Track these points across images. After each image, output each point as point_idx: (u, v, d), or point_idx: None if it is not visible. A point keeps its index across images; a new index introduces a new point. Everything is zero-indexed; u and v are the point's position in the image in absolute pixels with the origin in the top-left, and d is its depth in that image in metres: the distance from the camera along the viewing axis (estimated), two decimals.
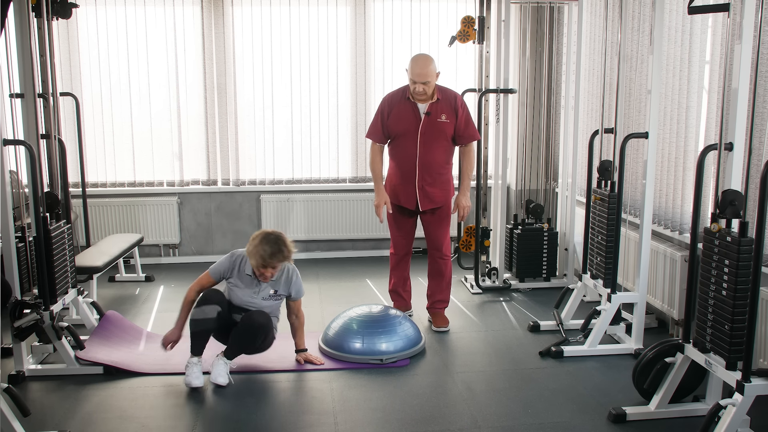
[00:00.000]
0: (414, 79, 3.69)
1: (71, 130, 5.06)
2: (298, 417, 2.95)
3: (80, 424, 2.88)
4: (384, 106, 3.88)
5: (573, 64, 4.86)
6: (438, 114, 3.78)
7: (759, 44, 2.95)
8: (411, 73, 3.70)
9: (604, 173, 3.70)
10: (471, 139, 3.91)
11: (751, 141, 2.66)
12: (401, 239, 4.05)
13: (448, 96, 3.83)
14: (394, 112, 3.83)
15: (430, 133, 3.79)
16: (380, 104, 3.91)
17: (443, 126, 3.80)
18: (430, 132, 3.79)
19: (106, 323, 3.79)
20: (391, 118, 3.84)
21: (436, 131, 3.80)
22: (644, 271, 3.61)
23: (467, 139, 3.90)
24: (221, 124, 5.65)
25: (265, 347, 3.42)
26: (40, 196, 3.29)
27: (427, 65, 3.68)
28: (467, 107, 3.91)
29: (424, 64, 3.68)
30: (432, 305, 4.11)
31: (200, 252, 5.80)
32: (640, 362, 3.01)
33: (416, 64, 3.69)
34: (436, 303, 4.09)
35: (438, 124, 3.79)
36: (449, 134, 3.85)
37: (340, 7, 5.59)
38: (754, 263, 2.42)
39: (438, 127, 3.79)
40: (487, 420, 2.91)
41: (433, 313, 4.10)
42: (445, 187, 3.93)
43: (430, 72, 3.68)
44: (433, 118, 3.78)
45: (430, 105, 3.78)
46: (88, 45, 5.43)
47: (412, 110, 3.80)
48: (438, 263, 4.05)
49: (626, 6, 3.65)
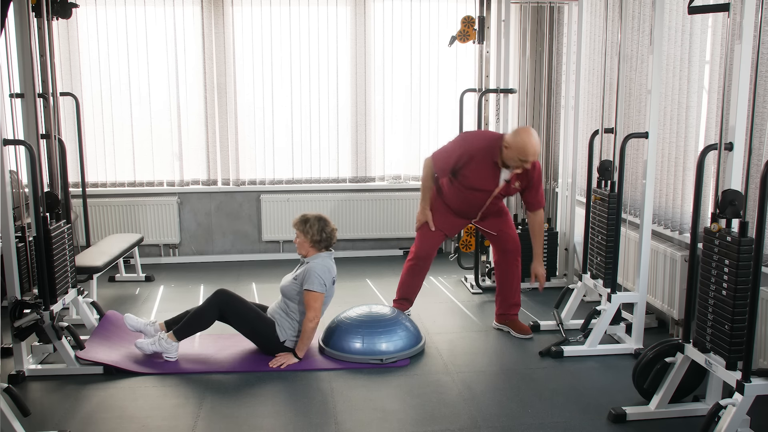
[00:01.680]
0: (524, 158, 3.49)
1: (71, 130, 5.06)
2: (298, 417, 2.95)
3: (80, 424, 2.88)
4: (466, 150, 3.66)
5: (573, 64, 4.86)
6: (514, 180, 3.73)
7: (759, 44, 2.95)
8: (521, 151, 3.47)
9: (604, 173, 3.70)
10: (539, 207, 3.83)
11: (751, 141, 2.66)
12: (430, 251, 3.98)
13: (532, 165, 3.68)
14: (474, 165, 3.66)
15: (502, 195, 3.81)
16: (462, 143, 3.72)
17: (514, 191, 3.81)
18: (503, 195, 3.81)
19: (106, 323, 3.78)
20: (469, 168, 3.68)
21: (506, 193, 3.81)
22: (644, 271, 3.61)
23: (535, 207, 3.82)
24: (221, 124, 5.65)
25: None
26: (40, 196, 3.29)
27: (538, 146, 3.50)
28: (541, 175, 3.81)
29: (536, 144, 3.49)
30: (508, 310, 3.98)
31: (200, 252, 5.80)
32: (640, 362, 3.00)
33: (531, 143, 3.46)
34: (512, 308, 3.98)
35: (512, 189, 3.78)
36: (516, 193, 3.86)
37: (340, 7, 5.59)
38: (754, 263, 2.42)
39: (509, 191, 3.79)
40: (487, 420, 2.91)
41: (511, 320, 3.97)
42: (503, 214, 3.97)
43: (539, 152, 3.54)
44: (510, 184, 3.74)
45: (513, 173, 3.67)
46: (88, 45, 5.43)
47: (494, 174, 3.69)
48: (513, 265, 3.96)
49: (626, 6, 3.65)
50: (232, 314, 3.52)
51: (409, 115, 5.78)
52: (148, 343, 3.54)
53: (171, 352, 3.53)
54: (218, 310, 3.51)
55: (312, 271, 3.47)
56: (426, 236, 3.97)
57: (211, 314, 3.52)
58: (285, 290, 3.58)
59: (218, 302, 3.51)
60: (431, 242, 3.97)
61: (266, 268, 5.52)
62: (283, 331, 3.52)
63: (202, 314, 3.52)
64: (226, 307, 3.51)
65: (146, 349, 3.53)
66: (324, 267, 3.51)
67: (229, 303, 3.52)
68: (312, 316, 3.46)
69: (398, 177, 5.89)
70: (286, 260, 5.74)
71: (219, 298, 3.52)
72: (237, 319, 3.53)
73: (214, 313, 3.52)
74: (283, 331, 3.52)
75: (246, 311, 3.53)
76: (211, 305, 3.51)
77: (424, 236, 3.98)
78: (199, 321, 3.52)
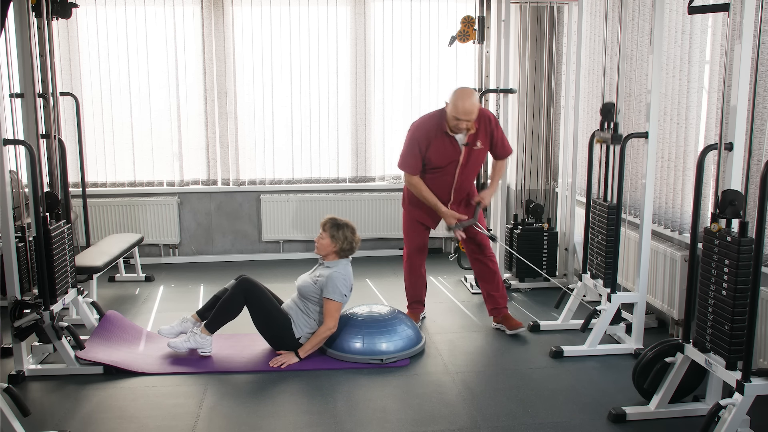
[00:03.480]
0: (459, 117, 3.56)
1: (71, 130, 5.06)
2: (298, 417, 2.95)
3: (80, 424, 2.88)
4: (420, 138, 3.72)
5: (573, 64, 4.86)
6: (474, 142, 3.75)
7: (759, 44, 2.95)
8: (456, 110, 3.56)
9: (606, 115, 3.67)
10: (506, 155, 3.93)
11: (751, 141, 2.66)
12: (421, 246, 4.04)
13: (483, 120, 3.75)
14: (433, 147, 3.71)
15: (469, 163, 3.80)
16: (413, 135, 3.75)
17: (480, 153, 3.81)
18: (469, 162, 3.80)
19: (106, 323, 3.78)
20: (430, 151, 3.72)
21: (474, 160, 3.81)
22: (644, 271, 3.61)
23: (503, 156, 3.93)
24: (221, 124, 5.65)
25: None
26: (40, 196, 3.29)
27: (472, 101, 3.56)
28: (500, 125, 3.89)
29: (470, 100, 3.55)
30: (495, 308, 4.00)
31: (200, 252, 5.80)
32: (640, 362, 3.01)
33: (463, 101, 3.55)
34: (500, 303, 3.99)
35: (476, 152, 3.78)
36: (484, 157, 3.90)
37: (340, 7, 5.59)
38: (754, 263, 2.42)
39: (475, 155, 3.79)
40: (487, 420, 2.91)
41: (503, 315, 3.98)
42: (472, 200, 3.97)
43: (475, 107, 3.58)
44: (471, 147, 3.75)
45: (469, 135, 3.72)
46: (88, 45, 5.43)
47: (452, 144, 3.72)
48: (487, 264, 4.00)
49: (626, 6, 3.65)
50: (253, 302, 3.51)
51: (409, 115, 5.77)
52: (181, 341, 3.54)
53: (206, 347, 3.54)
54: (243, 297, 3.51)
55: (333, 280, 3.49)
56: (410, 233, 4.04)
57: (239, 302, 3.51)
58: (303, 291, 3.58)
59: (242, 289, 3.51)
60: (417, 237, 4.02)
61: (266, 268, 5.52)
62: (298, 328, 3.53)
63: (229, 304, 3.51)
64: (248, 294, 3.51)
65: (180, 347, 3.53)
66: (344, 277, 3.55)
67: (252, 291, 3.52)
68: (331, 325, 3.51)
69: (398, 177, 5.88)
70: (286, 260, 5.74)
71: (242, 285, 3.52)
72: (256, 308, 3.52)
73: (241, 300, 3.51)
74: (298, 328, 3.53)
75: (266, 301, 3.53)
76: (237, 292, 3.51)
77: (408, 234, 4.05)
78: (228, 311, 3.52)
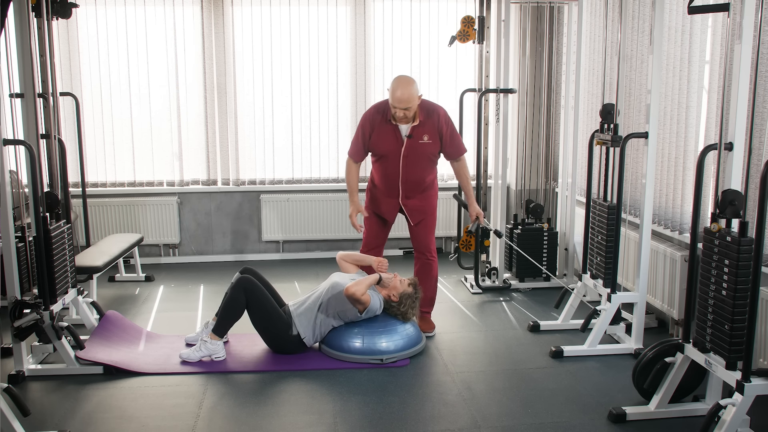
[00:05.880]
0: (395, 104, 3.57)
1: (71, 130, 5.06)
2: (298, 417, 2.95)
3: (80, 424, 2.88)
4: (365, 124, 3.77)
5: (573, 63, 4.86)
6: (420, 136, 3.71)
7: (759, 44, 2.95)
8: (392, 98, 3.57)
9: (606, 116, 3.67)
10: (459, 155, 3.85)
11: (751, 141, 2.67)
12: (375, 240, 4.02)
13: (430, 114, 3.72)
14: (375, 133, 3.75)
15: (412, 155, 3.75)
16: (361, 122, 3.81)
17: (425, 147, 3.75)
18: (413, 154, 3.74)
19: (106, 323, 3.79)
20: (372, 138, 3.76)
21: (418, 153, 3.75)
22: (644, 271, 3.61)
23: (455, 155, 3.85)
24: (221, 124, 5.65)
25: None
26: (40, 196, 3.29)
27: (408, 90, 3.54)
28: (451, 122, 3.80)
29: (405, 89, 3.54)
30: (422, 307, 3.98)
31: (200, 252, 5.80)
32: (640, 362, 3.01)
33: (397, 90, 3.55)
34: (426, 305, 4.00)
35: (420, 146, 3.73)
36: (433, 153, 3.80)
37: (340, 7, 5.59)
38: (754, 263, 2.42)
39: (420, 149, 3.74)
40: (487, 420, 2.91)
41: (421, 316, 3.97)
42: (428, 197, 3.90)
43: (411, 97, 3.55)
44: (415, 140, 3.71)
45: (412, 128, 3.70)
46: (88, 45, 5.43)
47: (394, 133, 3.73)
48: (427, 264, 3.99)
49: (626, 6, 3.65)
50: (252, 300, 3.50)
51: None
52: (191, 351, 3.51)
53: (218, 352, 3.51)
54: (244, 296, 3.49)
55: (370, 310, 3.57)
56: (367, 227, 4.02)
57: (241, 300, 3.50)
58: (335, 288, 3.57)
59: (243, 288, 3.49)
60: (372, 230, 4.01)
61: (266, 268, 5.50)
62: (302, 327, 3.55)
63: (232, 304, 3.51)
64: (249, 294, 3.50)
65: (192, 358, 3.49)
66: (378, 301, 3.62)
67: (253, 291, 3.50)
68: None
69: None
70: (286, 260, 5.74)
71: (242, 285, 3.50)
72: (255, 308, 3.52)
73: (243, 298, 3.50)
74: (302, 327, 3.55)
75: (265, 301, 3.52)
76: (237, 291, 3.50)
77: (366, 228, 4.03)
78: (232, 312, 3.52)
